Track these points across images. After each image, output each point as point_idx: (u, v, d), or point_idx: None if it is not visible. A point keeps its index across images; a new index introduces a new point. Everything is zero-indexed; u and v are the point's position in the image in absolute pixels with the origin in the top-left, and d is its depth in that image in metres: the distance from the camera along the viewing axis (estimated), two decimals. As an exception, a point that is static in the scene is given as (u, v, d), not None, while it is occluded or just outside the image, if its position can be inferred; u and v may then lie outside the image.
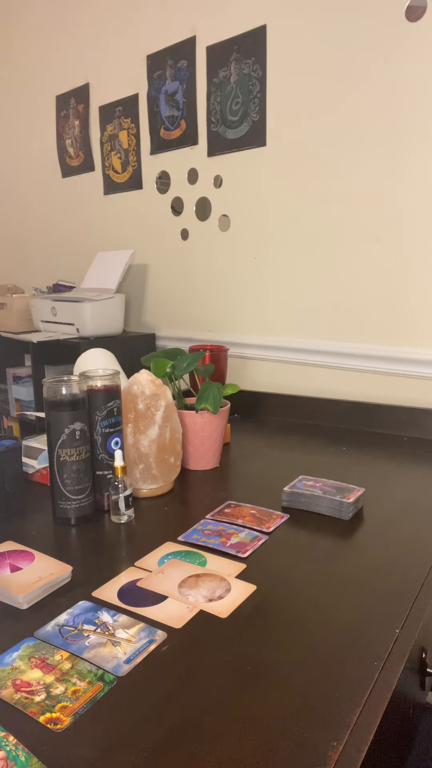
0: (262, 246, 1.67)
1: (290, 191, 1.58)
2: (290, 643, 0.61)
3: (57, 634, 0.63)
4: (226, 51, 1.64)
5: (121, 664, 0.58)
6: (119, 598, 0.70)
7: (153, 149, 1.90)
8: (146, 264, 2.02)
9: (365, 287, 1.47)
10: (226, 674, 0.56)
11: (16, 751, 0.47)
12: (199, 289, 1.87)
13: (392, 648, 0.60)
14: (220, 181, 1.73)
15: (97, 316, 1.79)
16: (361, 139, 1.42)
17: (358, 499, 0.93)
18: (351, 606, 0.67)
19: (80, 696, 0.54)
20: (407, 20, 1.29)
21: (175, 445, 1.03)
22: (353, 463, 1.18)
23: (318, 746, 0.47)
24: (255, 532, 0.87)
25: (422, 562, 0.77)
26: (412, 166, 1.34)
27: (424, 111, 1.31)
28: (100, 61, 2.03)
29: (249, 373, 1.76)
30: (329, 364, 1.57)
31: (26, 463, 1.09)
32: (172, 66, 1.79)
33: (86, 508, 0.92)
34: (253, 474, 1.13)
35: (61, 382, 0.89)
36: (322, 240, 1.54)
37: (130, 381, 1.01)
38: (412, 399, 1.42)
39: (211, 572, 0.75)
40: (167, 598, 0.69)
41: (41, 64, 2.26)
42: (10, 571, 0.74)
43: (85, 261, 2.26)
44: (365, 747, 0.47)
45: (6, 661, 0.59)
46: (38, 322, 1.96)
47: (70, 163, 2.23)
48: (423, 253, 1.36)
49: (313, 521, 0.91)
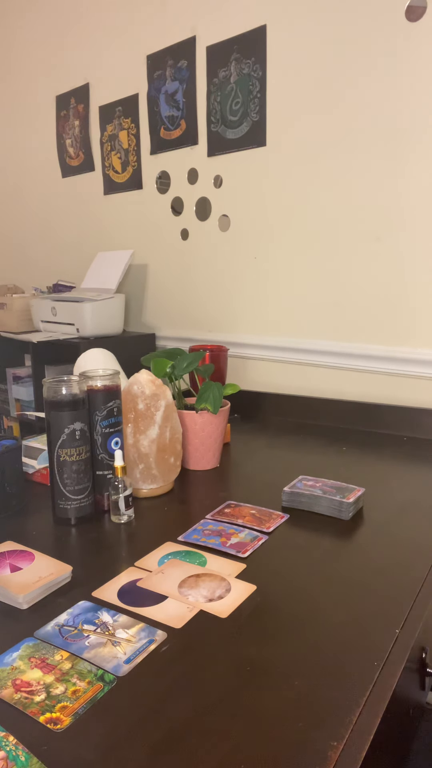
0: (262, 246, 1.67)
1: (290, 191, 1.58)
2: (290, 643, 0.61)
3: (57, 634, 0.63)
4: (226, 51, 1.64)
5: (121, 664, 0.58)
6: (119, 598, 0.70)
7: (153, 149, 1.90)
8: (146, 264, 2.02)
9: (365, 287, 1.47)
10: (226, 674, 0.56)
11: (16, 751, 0.47)
12: (199, 289, 1.87)
13: (392, 648, 0.60)
14: (220, 181, 1.73)
15: (97, 316, 1.79)
16: (361, 139, 1.42)
17: (358, 499, 0.93)
18: (351, 606, 0.67)
19: (80, 696, 0.54)
20: (407, 20, 1.29)
21: (175, 445, 1.03)
22: (353, 463, 1.18)
23: (318, 746, 0.47)
24: (255, 532, 0.87)
25: (422, 562, 0.77)
26: (413, 165, 1.34)
27: (425, 111, 1.31)
28: (100, 61, 2.03)
29: (249, 373, 1.76)
30: (329, 364, 1.57)
31: (26, 463, 1.09)
32: (172, 66, 1.79)
33: (86, 508, 0.92)
34: (253, 474, 1.13)
35: (61, 382, 0.89)
36: (322, 240, 1.54)
37: (130, 381, 1.01)
38: (412, 399, 1.42)
39: (211, 572, 0.75)
40: (167, 598, 0.69)
41: (41, 64, 2.26)
42: (10, 571, 0.74)
43: (85, 261, 2.26)
44: (365, 747, 0.47)
45: (6, 661, 0.59)
46: (38, 322, 1.96)
47: (70, 163, 2.23)
48: (423, 253, 1.36)
49: (313, 521, 0.91)
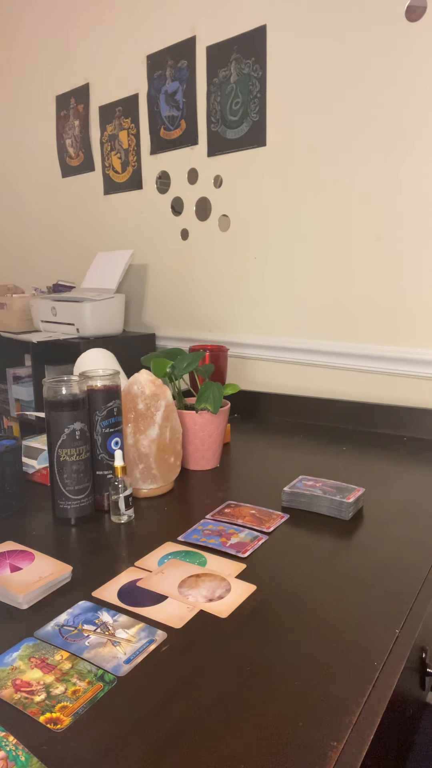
0: (262, 246, 1.67)
1: (290, 191, 1.58)
2: (290, 643, 0.61)
3: (57, 634, 0.63)
4: (226, 51, 1.64)
5: (121, 664, 0.58)
6: (119, 598, 0.70)
7: (153, 149, 1.90)
8: (146, 264, 2.02)
9: (365, 287, 1.47)
10: (226, 674, 0.56)
11: (16, 751, 0.47)
12: (199, 289, 1.87)
13: (392, 648, 0.60)
14: (220, 181, 1.73)
15: (97, 316, 1.79)
16: (361, 139, 1.42)
17: (358, 499, 0.93)
18: (351, 606, 0.67)
19: (80, 696, 0.54)
20: (407, 20, 1.29)
21: (175, 445, 1.03)
22: (353, 463, 1.18)
23: (318, 746, 0.47)
24: (255, 532, 0.87)
25: (422, 562, 0.77)
26: (413, 166, 1.34)
27: (425, 111, 1.31)
28: (100, 61, 2.03)
29: (249, 373, 1.76)
30: (329, 364, 1.57)
31: (26, 463, 1.09)
32: (172, 66, 1.78)
33: (86, 508, 0.92)
34: (253, 474, 1.13)
35: (61, 382, 0.89)
36: (322, 239, 1.54)
37: (130, 381, 1.01)
38: (412, 399, 1.42)
39: (211, 572, 0.75)
40: (167, 598, 0.69)
41: (41, 64, 2.26)
42: (10, 571, 0.74)
43: (85, 261, 2.26)
44: (365, 747, 0.47)
45: (6, 661, 0.59)
46: (38, 322, 1.96)
47: (70, 163, 2.22)
48: (423, 253, 1.36)
49: (313, 521, 0.91)
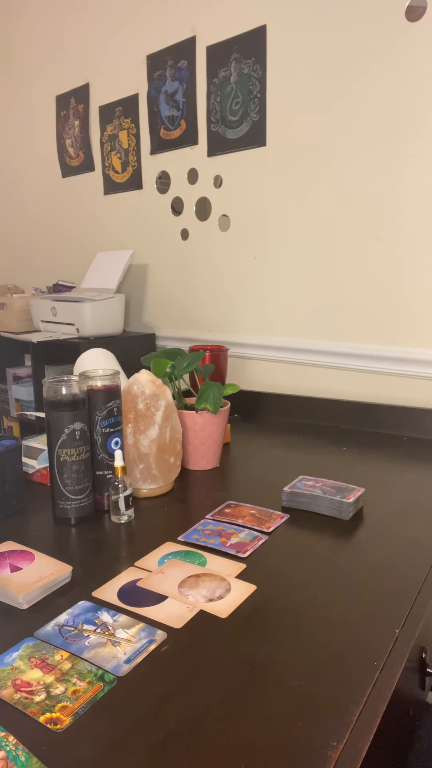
0: (262, 246, 1.67)
1: (290, 191, 1.58)
2: (290, 643, 0.61)
3: (57, 634, 0.63)
4: (226, 51, 1.64)
5: (121, 664, 0.58)
6: (119, 598, 0.70)
7: (153, 149, 1.90)
8: (146, 264, 2.02)
9: (365, 287, 1.47)
10: (226, 674, 0.56)
11: (16, 751, 0.47)
12: (199, 289, 1.87)
13: (392, 648, 0.60)
14: (220, 181, 1.73)
15: (97, 316, 1.79)
16: (361, 139, 1.42)
17: (358, 499, 0.93)
18: (351, 606, 0.67)
19: (80, 696, 0.54)
20: (407, 20, 1.29)
21: (175, 445, 1.03)
22: (353, 463, 1.17)
23: (318, 746, 0.47)
24: (255, 532, 0.87)
25: (422, 562, 0.77)
26: (413, 165, 1.34)
27: (425, 111, 1.31)
28: (100, 61, 2.03)
29: (249, 373, 1.76)
30: (329, 364, 1.57)
31: (26, 463, 1.09)
32: (172, 66, 1.78)
33: (86, 508, 0.92)
34: (253, 474, 1.13)
35: (61, 382, 0.89)
36: (322, 239, 1.54)
37: (130, 381, 1.01)
38: (412, 399, 1.42)
39: (211, 572, 0.75)
40: (167, 598, 0.69)
41: (41, 64, 2.26)
42: (10, 571, 0.74)
43: (85, 261, 2.26)
44: (365, 747, 0.47)
45: (6, 661, 0.59)
46: (38, 322, 1.96)
47: (70, 163, 2.22)
48: (423, 253, 1.36)
49: (313, 521, 0.91)
